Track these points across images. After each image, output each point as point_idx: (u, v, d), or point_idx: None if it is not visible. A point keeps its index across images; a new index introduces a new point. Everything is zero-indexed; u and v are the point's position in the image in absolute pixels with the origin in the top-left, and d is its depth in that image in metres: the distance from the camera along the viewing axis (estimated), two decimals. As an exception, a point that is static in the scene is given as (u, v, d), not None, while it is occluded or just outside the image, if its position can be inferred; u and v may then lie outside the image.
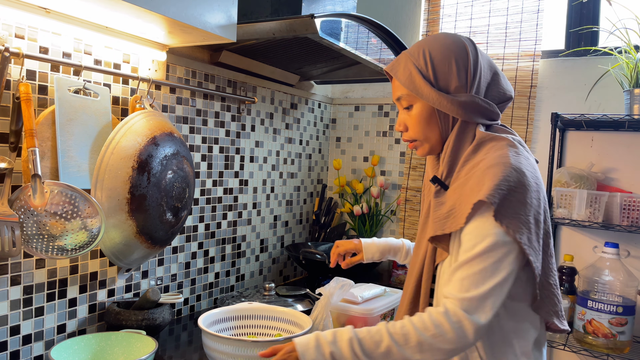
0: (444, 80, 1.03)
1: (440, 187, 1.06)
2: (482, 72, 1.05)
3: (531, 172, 0.97)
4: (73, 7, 1.18)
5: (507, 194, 0.92)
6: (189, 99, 1.67)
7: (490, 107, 1.05)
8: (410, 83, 1.05)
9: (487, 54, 1.11)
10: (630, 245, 1.88)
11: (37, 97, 1.23)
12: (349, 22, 1.65)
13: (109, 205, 1.25)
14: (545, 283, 1.01)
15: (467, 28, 2.21)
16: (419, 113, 1.07)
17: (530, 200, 0.94)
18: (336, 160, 2.46)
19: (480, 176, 0.95)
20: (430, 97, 1.03)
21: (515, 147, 1.00)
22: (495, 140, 1.02)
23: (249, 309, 1.39)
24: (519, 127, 2.09)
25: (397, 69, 1.08)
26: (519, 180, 0.93)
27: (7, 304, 1.20)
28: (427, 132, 1.07)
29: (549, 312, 1.02)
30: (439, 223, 1.01)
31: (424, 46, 1.06)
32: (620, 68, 1.78)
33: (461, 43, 1.06)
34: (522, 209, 0.93)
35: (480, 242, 0.92)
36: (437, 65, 1.03)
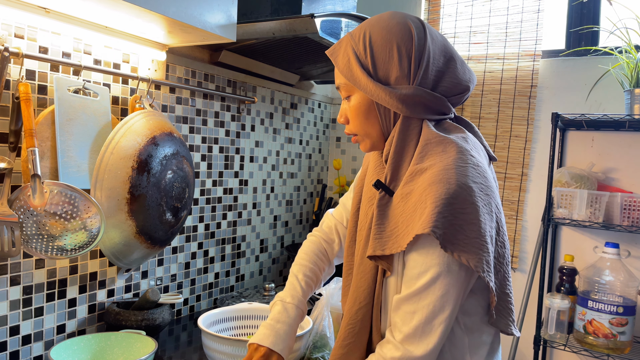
0: (383, 70, 0.91)
1: (385, 194, 0.92)
2: (431, 60, 0.91)
3: (480, 185, 0.85)
4: (73, 6, 1.18)
5: (453, 218, 0.80)
6: (189, 99, 1.67)
7: (439, 100, 0.92)
8: (347, 71, 0.93)
9: (442, 37, 0.96)
10: (630, 245, 1.87)
11: (37, 97, 1.23)
12: (349, 21, 1.65)
13: (108, 205, 1.25)
14: (501, 294, 0.92)
15: (467, 28, 2.20)
16: (357, 105, 0.95)
17: (483, 217, 0.83)
18: (336, 160, 2.45)
19: (422, 194, 0.84)
20: (367, 88, 0.91)
21: (463, 153, 0.87)
22: (443, 144, 0.89)
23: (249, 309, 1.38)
24: (519, 127, 2.09)
25: (338, 54, 0.96)
26: (466, 199, 0.82)
27: (6, 304, 1.20)
28: (367, 126, 0.96)
29: (507, 324, 0.94)
30: (378, 242, 0.89)
31: (366, 27, 0.93)
32: (620, 68, 1.77)
33: (406, 25, 0.92)
34: (474, 231, 0.81)
35: (424, 273, 0.84)
36: (377, 52, 0.91)
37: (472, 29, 2.20)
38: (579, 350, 1.75)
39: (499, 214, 0.90)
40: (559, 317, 1.77)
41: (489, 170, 0.94)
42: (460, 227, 0.81)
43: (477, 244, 0.81)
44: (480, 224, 0.82)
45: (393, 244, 0.87)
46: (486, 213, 0.84)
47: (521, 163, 2.09)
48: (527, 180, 2.09)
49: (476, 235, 0.82)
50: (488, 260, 0.83)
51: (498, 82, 2.13)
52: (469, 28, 2.20)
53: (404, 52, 0.90)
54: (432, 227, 0.79)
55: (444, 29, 2.26)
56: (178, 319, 1.68)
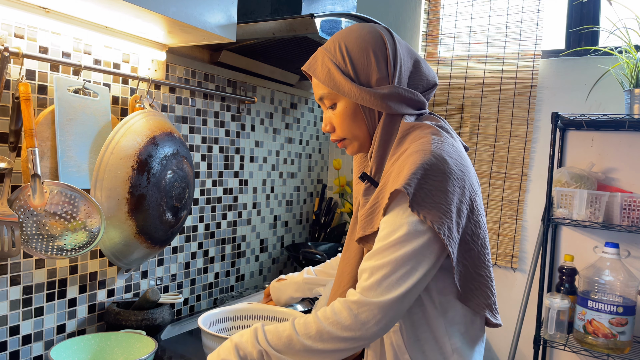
0: (364, 74, 0.99)
1: (370, 184, 1.00)
2: (403, 61, 1.01)
3: (455, 160, 0.92)
4: (73, 6, 1.18)
5: (424, 182, 0.87)
6: (189, 99, 1.67)
7: (415, 96, 1.00)
8: (330, 81, 1.00)
9: (404, 42, 1.06)
10: (630, 245, 1.87)
11: (37, 96, 1.23)
12: (349, 21, 1.65)
13: (108, 205, 1.25)
14: (474, 274, 0.95)
15: (467, 28, 2.20)
16: (343, 111, 1.02)
17: (452, 188, 0.89)
18: (336, 160, 2.45)
19: (400, 165, 0.91)
20: (352, 93, 0.98)
21: (439, 134, 0.95)
22: (419, 129, 0.97)
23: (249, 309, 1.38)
24: (519, 127, 2.09)
25: (315, 68, 1.03)
26: (439, 168, 0.88)
27: (6, 304, 1.20)
28: (354, 129, 1.03)
29: (479, 304, 0.96)
30: (365, 221, 0.96)
31: (339, 40, 1.01)
32: (620, 68, 1.78)
33: (377, 33, 1.01)
34: (441, 197, 0.87)
35: (393, 232, 0.87)
36: (355, 59, 0.99)
37: (472, 29, 2.20)
38: (578, 350, 1.75)
39: (474, 194, 0.95)
40: (559, 317, 1.77)
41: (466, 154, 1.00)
42: (429, 191, 0.87)
43: (442, 209, 0.87)
44: (448, 193, 0.88)
45: (377, 219, 0.93)
46: (457, 186, 0.90)
47: (521, 163, 2.09)
48: (527, 180, 2.09)
49: (442, 202, 0.87)
50: (450, 226, 0.88)
51: (498, 82, 2.13)
52: (469, 28, 2.20)
53: (380, 56, 0.99)
54: (405, 184, 0.86)
55: (444, 29, 2.26)
56: (178, 318, 1.68)
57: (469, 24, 2.20)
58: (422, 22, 2.31)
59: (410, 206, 0.86)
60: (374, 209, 0.95)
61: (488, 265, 0.98)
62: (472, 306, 0.96)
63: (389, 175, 0.94)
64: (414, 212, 0.86)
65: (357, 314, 0.85)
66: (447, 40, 2.25)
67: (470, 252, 0.94)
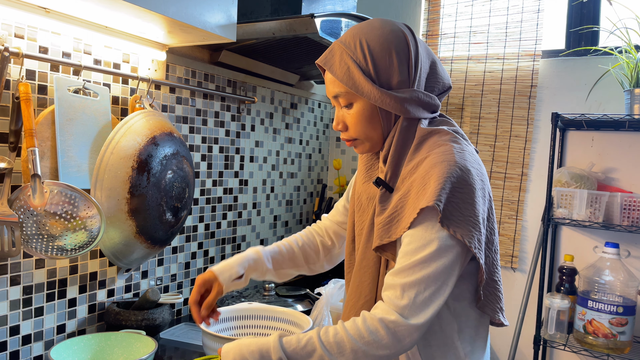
0: (385, 76, 0.94)
1: (386, 190, 0.96)
2: (422, 63, 0.97)
3: (476, 169, 0.91)
4: (73, 6, 1.18)
5: (452, 196, 0.86)
6: (189, 99, 1.67)
7: (432, 100, 0.97)
8: (349, 80, 0.94)
9: (423, 42, 1.02)
10: (630, 245, 1.87)
11: (37, 96, 1.23)
12: (349, 21, 1.65)
13: (108, 205, 1.25)
14: (489, 281, 0.95)
15: (467, 28, 2.20)
16: (359, 112, 0.97)
17: (478, 199, 0.88)
18: (336, 160, 2.45)
19: (424, 176, 0.89)
20: (372, 95, 0.93)
21: (458, 142, 0.94)
22: (437, 135, 0.95)
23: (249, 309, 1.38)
24: (519, 127, 2.09)
25: (333, 63, 0.96)
26: (465, 180, 0.87)
27: (6, 304, 1.20)
28: (369, 131, 0.99)
29: (494, 309, 0.96)
30: (383, 229, 0.93)
31: (360, 36, 0.95)
32: (620, 68, 1.77)
33: (400, 32, 0.96)
34: (469, 209, 0.87)
35: (423, 247, 0.86)
36: (378, 59, 0.94)
37: (472, 29, 2.20)
38: (578, 350, 1.75)
39: (491, 202, 0.95)
40: (559, 317, 1.77)
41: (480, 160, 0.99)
42: (457, 205, 0.86)
43: (471, 222, 0.87)
44: (475, 204, 0.88)
45: (396, 228, 0.91)
46: (480, 197, 0.90)
47: (521, 163, 2.09)
48: (527, 180, 2.09)
49: (470, 215, 0.87)
50: (480, 239, 0.88)
51: (498, 82, 2.13)
52: (469, 28, 2.20)
53: (402, 57, 0.95)
54: (436, 201, 0.84)
55: (444, 29, 2.26)
56: (178, 318, 1.68)
57: (469, 24, 2.20)
58: (422, 22, 2.31)
59: (441, 221, 0.85)
60: (392, 217, 0.92)
61: (499, 269, 0.99)
62: (488, 311, 0.96)
63: (411, 185, 0.91)
64: (444, 227, 0.85)
65: (395, 333, 0.85)
66: (447, 40, 2.25)
67: (486, 259, 0.94)
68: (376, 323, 0.85)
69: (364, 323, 0.86)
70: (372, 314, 0.87)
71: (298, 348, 0.86)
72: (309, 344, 0.87)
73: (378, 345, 0.85)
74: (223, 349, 0.92)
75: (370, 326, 0.85)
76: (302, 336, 0.88)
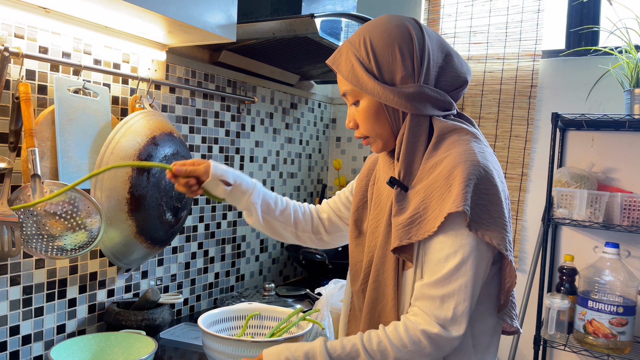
0: (388, 72, 0.93)
1: (400, 190, 0.94)
2: (432, 57, 0.94)
3: (497, 171, 0.90)
4: (73, 6, 1.18)
5: (478, 198, 0.84)
6: (189, 99, 1.67)
7: (442, 96, 0.95)
8: (353, 77, 0.95)
9: (436, 34, 0.99)
10: (630, 245, 1.87)
11: (37, 97, 1.23)
12: (349, 21, 1.65)
13: (108, 205, 1.25)
14: None
15: (467, 28, 2.20)
16: (366, 109, 0.97)
17: (502, 199, 0.87)
18: (336, 160, 2.45)
19: (447, 177, 0.87)
20: (375, 91, 0.93)
21: (478, 141, 0.92)
22: (457, 133, 0.93)
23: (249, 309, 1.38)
24: (519, 127, 2.09)
25: (339, 62, 0.97)
26: (489, 180, 0.86)
27: (6, 304, 1.20)
28: (377, 128, 0.98)
29: (511, 316, 0.96)
30: (402, 231, 0.90)
31: (365, 34, 0.96)
32: (620, 68, 1.77)
33: (404, 26, 0.95)
34: (497, 210, 0.86)
35: (454, 254, 0.85)
36: (380, 55, 0.93)
37: (472, 29, 2.20)
38: (579, 350, 1.75)
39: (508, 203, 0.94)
40: (559, 317, 1.77)
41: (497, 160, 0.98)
42: (484, 206, 0.85)
43: (500, 223, 0.85)
44: (502, 204, 0.87)
45: (418, 230, 0.88)
46: (504, 197, 0.89)
47: (521, 163, 2.09)
48: (527, 180, 2.09)
49: (499, 215, 0.86)
50: (510, 240, 0.87)
51: (498, 82, 2.13)
52: (469, 28, 2.20)
53: (405, 52, 0.93)
54: (465, 205, 0.82)
55: (444, 29, 2.26)
56: (178, 319, 1.68)
57: (469, 24, 2.20)
58: (422, 22, 2.31)
59: (469, 226, 0.84)
60: (413, 219, 0.89)
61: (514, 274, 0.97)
62: (506, 318, 0.95)
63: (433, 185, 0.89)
64: (472, 231, 0.84)
65: (437, 343, 0.86)
66: (447, 41, 2.25)
67: None
68: (419, 334, 0.86)
69: (406, 333, 0.86)
70: (414, 324, 0.87)
71: (343, 354, 0.88)
72: (353, 350, 0.88)
73: (421, 354, 0.86)
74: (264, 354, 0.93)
75: (413, 336, 0.86)
76: (346, 342, 0.89)
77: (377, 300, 0.97)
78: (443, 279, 0.86)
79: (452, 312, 0.85)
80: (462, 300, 0.85)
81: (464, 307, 0.85)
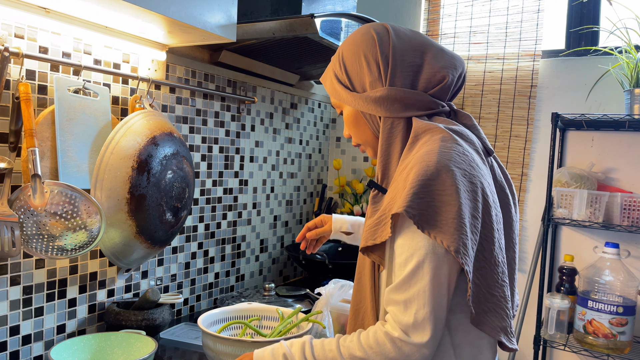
0: (358, 80, 0.98)
1: (378, 192, 0.96)
2: (400, 58, 0.94)
3: (464, 170, 0.85)
4: (73, 6, 1.18)
5: (430, 199, 0.82)
6: (189, 99, 1.67)
7: (415, 95, 0.93)
8: (332, 90, 1.02)
9: (413, 33, 0.99)
10: (630, 245, 1.87)
11: (37, 97, 1.23)
12: (349, 21, 1.65)
13: (108, 205, 1.25)
14: (487, 295, 0.88)
15: (467, 28, 2.20)
16: (347, 117, 1.03)
17: (463, 200, 0.82)
18: (336, 160, 2.46)
19: (404, 178, 0.86)
20: (348, 100, 0.99)
21: (449, 141, 0.88)
22: (430, 133, 0.91)
23: (249, 309, 1.38)
24: (519, 127, 2.09)
25: (325, 79, 1.06)
26: (445, 181, 0.82)
27: (6, 304, 1.20)
28: (361, 134, 1.03)
29: (494, 328, 0.88)
30: (369, 232, 0.91)
31: (340, 49, 1.02)
32: (620, 68, 1.78)
33: (369, 34, 0.97)
34: (450, 212, 0.81)
35: (411, 257, 0.84)
36: (349, 66, 0.99)
37: (472, 29, 2.20)
38: (578, 350, 1.75)
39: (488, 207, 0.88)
40: (559, 317, 1.77)
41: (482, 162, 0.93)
42: (437, 208, 0.82)
43: (455, 225, 0.81)
44: (460, 205, 0.82)
45: (382, 232, 0.88)
46: (467, 199, 0.84)
47: (521, 163, 2.10)
48: (527, 180, 2.09)
49: (454, 217, 0.81)
50: (465, 243, 0.81)
51: (498, 82, 2.13)
52: (469, 28, 2.20)
53: (370, 58, 0.96)
54: (406, 207, 0.80)
55: (444, 29, 2.26)
56: (178, 319, 1.68)
57: (469, 24, 2.20)
58: (422, 22, 2.31)
59: (420, 227, 0.81)
60: (380, 220, 0.90)
61: (502, 284, 0.90)
62: (486, 330, 0.89)
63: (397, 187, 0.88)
64: (425, 233, 0.82)
65: (401, 349, 0.85)
66: (447, 41, 2.25)
67: (481, 270, 0.88)
68: (383, 336, 0.86)
69: (374, 335, 0.87)
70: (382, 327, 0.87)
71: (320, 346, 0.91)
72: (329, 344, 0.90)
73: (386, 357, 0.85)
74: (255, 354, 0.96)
75: (379, 338, 0.86)
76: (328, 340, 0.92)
77: (361, 302, 0.99)
78: (403, 283, 0.85)
79: (413, 317, 0.84)
80: (422, 306, 0.83)
81: (425, 313, 0.83)
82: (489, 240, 0.89)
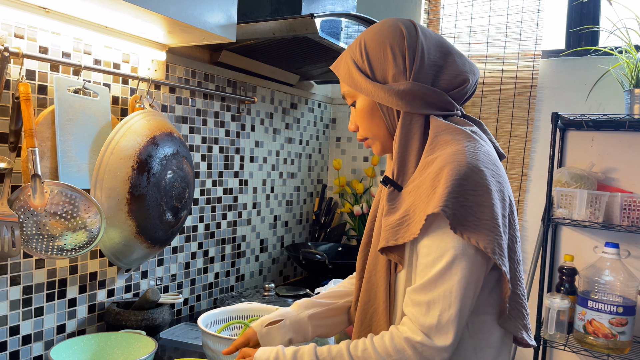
0: (380, 70, 0.94)
1: (394, 189, 0.93)
2: (426, 55, 0.93)
3: (492, 170, 0.86)
4: (73, 6, 1.18)
5: (463, 200, 0.81)
6: (189, 99, 1.67)
7: (438, 95, 0.93)
8: (349, 78, 0.97)
9: (437, 35, 0.99)
10: (630, 245, 1.87)
11: (37, 97, 1.23)
12: (349, 21, 1.65)
13: (108, 205, 1.25)
14: (512, 294, 0.89)
15: (467, 28, 2.20)
16: (361, 108, 0.98)
17: (495, 201, 0.83)
18: (336, 160, 2.45)
19: (433, 178, 0.85)
20: (367, 90, 0.94)
21: (473, 141, 0.88)
22: (451, 134, 0.90)
23: (249, 309, 1.38)
24: (519, 127, 2.09)
25: (339, 66, 1.01)
26: (477, 181, 0.82)
27: (6, 304, 1.20)
28: (373, 128, 0.99)
29: (517, 326, 0.90)
30: (390, 232, 0.88)
31: (361, 37, 0.98)
32: (620, 68, 1.77)
33: (397, 26, 0.95)
34: (485, 212, 0.81)
35: (440, 258, 0.82)
36: (372, 55, 0.95)
37: (472, 29, 2.20)
38: (578, 350, 1.75)
39: (511, 207, 0.90)
40: (559, 317, 1.77)
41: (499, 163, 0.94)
42: (470, 208, 0.81)
43: (489, 226, 0.81)
44: (493, 206, 0.82)
45: (405, 232, 0.86)
46: (498, 199, 0.84)
47: (521, 163, 2.09)
48: (527, 180, 2.09)
49: (488, 218, 0.81)
50: (500, 243, 0.82)
51: (498, 82, 2.13)
52: (469, 28, 2.20)
53: (397, 50, 0.93)
54: (443, 207, 0.79)
55: (444, 29, 2.26)
56: (178, 318, 1.68)
57: (469, 24, 2.20)
58: (422, 22, 2.31)
59: (453, 228, 0.80)
60: (402, 220, 0.87)
61: (522, 282, 0.92)
62: (510, 328, 0.90)
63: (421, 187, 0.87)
64: (458, 234, 0.80)
65: (422, 352, 0.82)
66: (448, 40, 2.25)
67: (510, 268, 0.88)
68: (403, 342, 0.83)
69: (391, 341, 0.84)
70: (399, 332, 0.85)
71: (329, 357, 0.87)
72: (338, 355, 0.86)
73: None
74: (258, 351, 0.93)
75: (398, 345, 0.83)
76: (333, 347, 0.88)
77: (369, 303, 0.96)
78: (428, 283, 0.83)
79: (437, 319, 0.81)
80: (447, 307, 0.81)
81: (450, 315, 0.81)
82: (514, 239, 0.90)
